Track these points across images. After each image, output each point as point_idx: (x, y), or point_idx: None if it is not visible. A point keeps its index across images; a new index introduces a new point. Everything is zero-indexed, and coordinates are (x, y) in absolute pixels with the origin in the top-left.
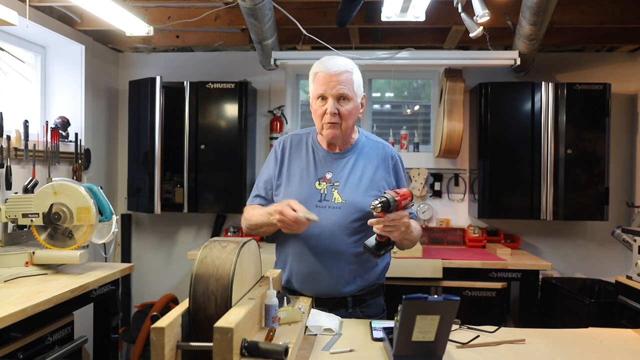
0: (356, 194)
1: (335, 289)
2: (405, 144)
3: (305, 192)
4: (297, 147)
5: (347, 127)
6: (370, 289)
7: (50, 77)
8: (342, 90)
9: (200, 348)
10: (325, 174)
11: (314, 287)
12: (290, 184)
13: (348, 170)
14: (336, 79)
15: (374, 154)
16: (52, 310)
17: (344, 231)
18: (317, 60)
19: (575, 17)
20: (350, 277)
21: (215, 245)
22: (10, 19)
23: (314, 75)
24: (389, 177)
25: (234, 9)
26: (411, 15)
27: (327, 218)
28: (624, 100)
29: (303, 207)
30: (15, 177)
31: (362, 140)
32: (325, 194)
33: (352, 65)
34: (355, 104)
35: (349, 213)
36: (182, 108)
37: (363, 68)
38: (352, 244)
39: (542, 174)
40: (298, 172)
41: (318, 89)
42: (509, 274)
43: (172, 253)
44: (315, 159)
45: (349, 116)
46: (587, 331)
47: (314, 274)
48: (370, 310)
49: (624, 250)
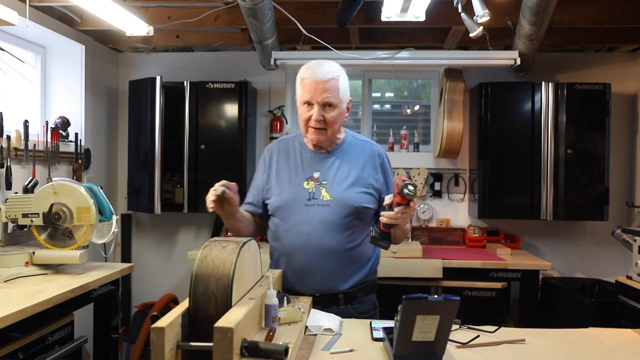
0: (344, 191)
1: (327, 286)
2: (405, 144)
3: (294, 192)
4: (284, 152)
5: (332, 132)
6: (362, 286)
7: (50, 77)
8: (329, 99)
9: (200, 348)
10: (313, 174)
11: (306, 285)
12: (279, 187)
13: (335, 168)
14: (322, 86)
15: (361, 152)
16: (52, 310)
17: (334, 228)
18: (305, 65)
19: (575, 17)
20: (341, 273)
21: (215, 245)
22: (10, 19)
23: (301, 80)
24: (376, 175)
25: (234, 9)
26: (411, 15)
27: (317, 215)
28: (624, 100)
29: (223, 182)
30: (15, 177)
31: (349, 139)
32: (313, 193)
33: (338, 70)
34: (341, 110)
35: (338, 210)
36: (182, 108)
37: (363, 68)
38: (342, 241)
39: (542, 174)
40: (286, 174)
41: (304, 95)
42: (509, 274)
43: (172, 253)
44: (303, 160)
45: (334, 122)
46: (587, 331)
47: (306, 272)
48: (362, 307)
49: (624, 250)
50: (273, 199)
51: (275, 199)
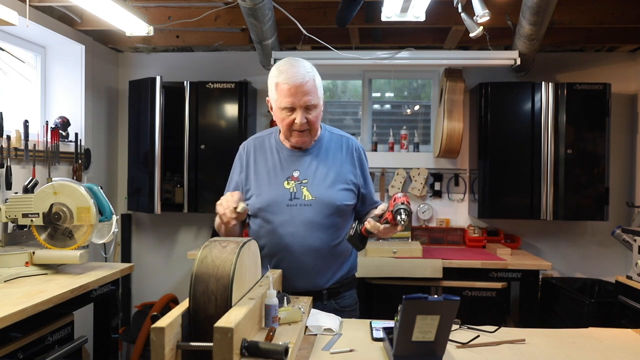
0: (326, 189)
1: (313, 284)
2: (405, 144)
3: (275, 193)
4: (260, 150)
5: (315, 131)
6: (345, 282)
7: (50, 77)
8: (311, 101)
9: (200, 348)
10: (293, 173)
11: (291, 284)
12: (259, 187)
13: (314, 166)
14: (302, 89)
15: (338, 147)
16: (52, 310)
17: (317, 227)
18: (275, 67)
19: (575, 17)
20: (325, 271)
21: (215, 245)
22: (10, 19)
23: (276, 85)
24: (354, 170)
25: (234, 9)
26: (411, 15)
27: (300, 216)
28: (624, 100)
29: (236, 197)
30: (15, 177)
31: (326, 135)
32: (294, 192)
33: (312, 69)
34: (320, 107)
35: (321, 209)
36: (182, 108)
37: (363, 68)
38: (326, 239)
39: (542, 174)
40: (265, 175)
41: (284, 101)
42: (509, 274)
43: (172, 253)
44: (281, 159)
45: (316, 121)
46: (587, 331)
47: (292, 271)
48: (345, 301)
49: (624, 250)
50: (253, 199)
51: (255, 200)
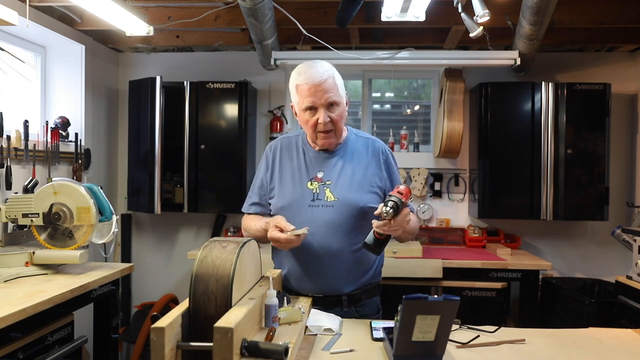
0: (349, 191)
1: (331, 288)
2: (405, 144)
3: (298, 193)
4: (287, 150)
5: (340, 130)
6: (366, 288)
7: (50, 77)
8: (332, 98)
9: (200, 348)
10: (317, 174)
11: (310, 286)
12: (282, 187)
13: (339, 168)
14: (322, 87)
15: (364, 150)
16: (52, 310)
17: (339, 229)
18: (295, 70)
19: (575, 17)
20: (346, 275)
21: (215, 245)
22: (10, 19)
23: (296, 87)
24: (380, 173)
25: (234, 9)
26: (411, 15)
27: (321, 217)
28: (624, 100)
29: (290, 225)
30: (15, 177)
31: (352, 137)
32: (317, 193)
33: (331, 68)
34: (343, 106)
35: (343, 211)
36: (182, 108)
37: (363, 68)
38: (347, 242)
39: (542, 174)
40: (290, 174)
41: (305, 102)
42: (509, 274)
43: (172, 253)
44: (306, 160)
45: (340, 120)
46: (587, 331)
47: (310, 273)
48: (366, 309)
49: (624, 250)
50: (276, 199)
51: (278, 199)
